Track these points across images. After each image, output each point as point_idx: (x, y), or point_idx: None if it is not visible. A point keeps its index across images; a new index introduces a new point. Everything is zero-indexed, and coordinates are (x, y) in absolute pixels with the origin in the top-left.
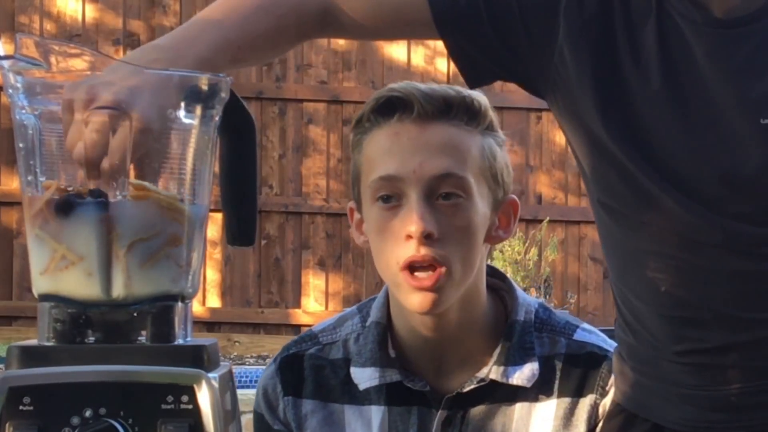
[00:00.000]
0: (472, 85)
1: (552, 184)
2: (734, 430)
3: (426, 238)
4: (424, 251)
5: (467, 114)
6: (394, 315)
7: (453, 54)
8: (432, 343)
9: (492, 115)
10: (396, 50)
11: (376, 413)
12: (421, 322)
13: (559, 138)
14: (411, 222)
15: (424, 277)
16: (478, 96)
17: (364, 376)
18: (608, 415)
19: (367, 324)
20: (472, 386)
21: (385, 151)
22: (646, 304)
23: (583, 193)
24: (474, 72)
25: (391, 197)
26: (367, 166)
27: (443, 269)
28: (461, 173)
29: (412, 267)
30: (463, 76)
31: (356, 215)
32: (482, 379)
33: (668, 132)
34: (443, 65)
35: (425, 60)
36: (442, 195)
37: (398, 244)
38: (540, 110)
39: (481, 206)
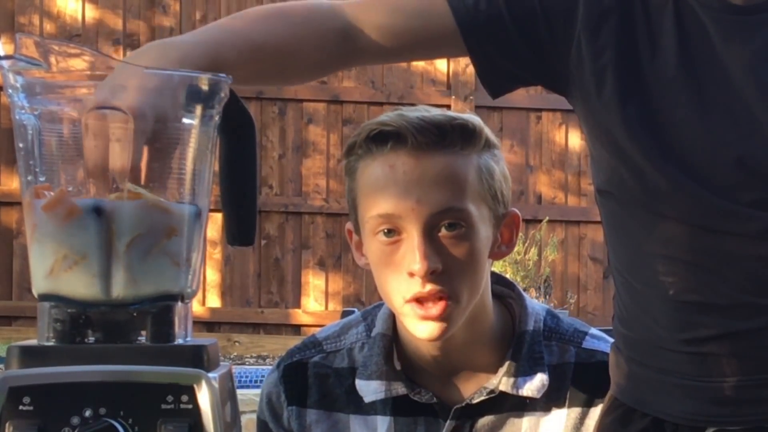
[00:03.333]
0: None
1: (552, 183)
2: (735, 425)
3: (431, 275)
4: (430, 287)
5: (462, 138)
6: (399, 329)
7: (476, 61)
8: (439, 358)
9: (487, 131)
10: None
11: (381, 423)
12: (426, 344)
13: (559, 138)
14: (413, 261)
15: (431, 306)
16: (471, 118)
17: (370, 390)
18: (605, 410)
19: (373, 335)
20: (482, 398)
21: (381, 185)
22: (656, 290)
23: (583, 193)
24: (497, 80)
25: (392, 231)
26: (364, 199)
27: (449, 300)
28: (461, 205)
29: (418, 299)
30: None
31: (355, 237)
32: (492, 391)
33: (684, 119)
34: (443, 65)
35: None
36: (444, 225)
37: (403, 278)
38: (540, 110)
39: (483, 230)
